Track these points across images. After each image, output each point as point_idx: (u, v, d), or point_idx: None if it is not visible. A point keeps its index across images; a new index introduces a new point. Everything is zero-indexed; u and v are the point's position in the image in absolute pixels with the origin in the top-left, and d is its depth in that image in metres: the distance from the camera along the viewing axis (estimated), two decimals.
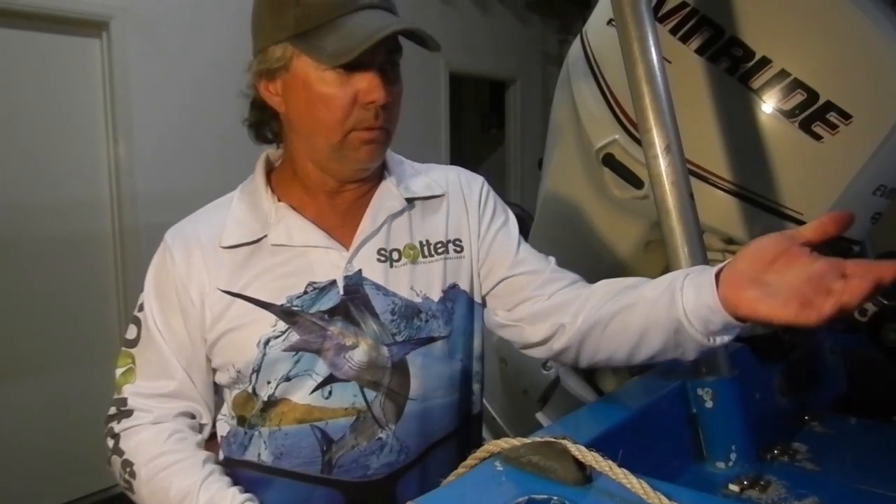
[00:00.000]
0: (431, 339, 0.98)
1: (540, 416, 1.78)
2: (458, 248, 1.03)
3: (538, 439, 0.69)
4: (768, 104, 1.24)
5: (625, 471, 0.62)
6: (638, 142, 1.33)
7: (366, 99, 0.88)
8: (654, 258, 1.57)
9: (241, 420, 0.99)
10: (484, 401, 1.79)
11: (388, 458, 0.95)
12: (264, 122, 1.01)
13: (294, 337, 0.94)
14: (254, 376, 0.95)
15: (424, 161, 1.13)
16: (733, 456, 0.88)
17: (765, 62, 1.24)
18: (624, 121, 1.36)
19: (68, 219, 3.04)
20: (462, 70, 5.16)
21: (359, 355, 0.94)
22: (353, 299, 0.95)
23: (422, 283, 0.98)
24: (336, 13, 0.86)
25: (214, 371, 1.01)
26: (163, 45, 3.27)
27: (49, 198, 2.97)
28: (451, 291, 1.01)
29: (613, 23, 1.30)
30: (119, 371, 1.00)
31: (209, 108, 3.44)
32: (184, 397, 0.99)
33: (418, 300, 0.97)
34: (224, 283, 0.95)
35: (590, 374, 1.82)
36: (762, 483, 0.83)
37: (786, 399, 1.14)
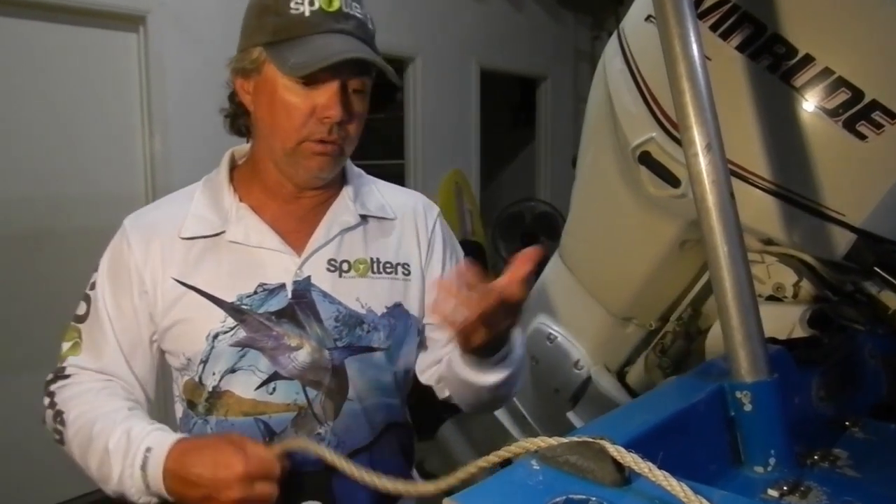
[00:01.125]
0: (371, 349, 1.05)
1: (571, 416, 1.77)
2: (406, 272, 1.09)
3: (575, 439, 0.69)
4: (811, 103, 1.22)
5: (665, 473, 0.61)
6: (675, 140, 1.32)
7: (322, 114, 0.95)
8: (690, 258, 1.55)
9: (191, 405, 1.05)
10: (515, 398, 1.79)
11: None
12: (238, 116, 1.08)
13: (241, 334, 1.00)
14: (201, 366, 1.01)
15: (454, 159, 1.18)
16: (772, 461, 0.87)
17: (808, 60, 1.21)
18: (661, 118, 1.35)
19: (105, 211, 3.09)
20: (493, 67, 5.15)
21: (302, 356, 1.01)
22: (300, 303, 1.01)
23: (368, 296, 1.05)
24: (309, 31, 0.94)
25: (164, 353, 1.08)
26: (198, 39, 3.31)
27: (86, 190, 3.03)
28: (396, 310, 1.07)
29: (653, 19, 1.29)
30: (66, 345, 1.07)
31: None
32: (119, 377, 1.05)
33: (362, 311, 1.04)
34: (178, 273, 1.01)
35: (622, 375, 1.81)
36: (802, 489, 0.82)
37: (825, 404, 1.12)
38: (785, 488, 0.81)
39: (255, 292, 1.01)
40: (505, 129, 6.47)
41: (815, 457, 0.93)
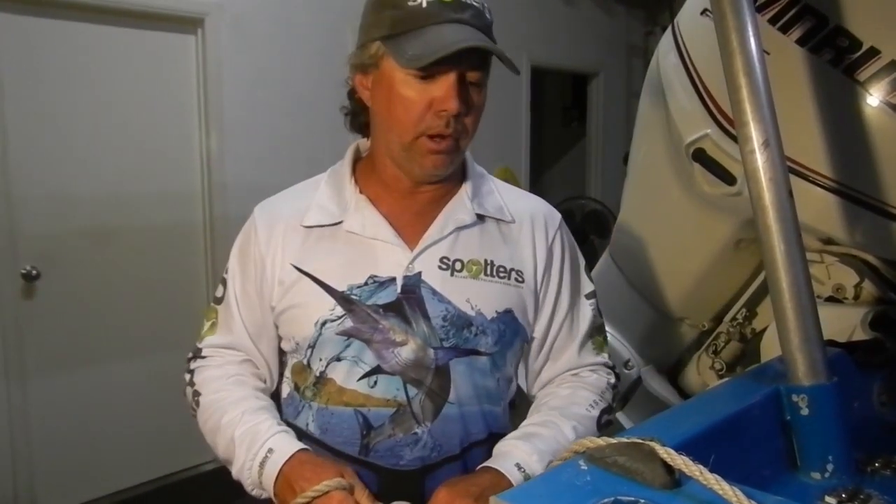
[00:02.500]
0: (476, 353, 1.03)
1: (620, 416, 1.75)
2: (520, 279, 1.06)
3: (624, 440, 0.68)
4: (875, 97, 1.18)
5: (716, 476, 0.60)
6: (731, 136, 1.29)
7: (440, 107, 0.94)
8: (744, 257, 1.51)
9: (297, 387, 1.09)
10: None
11: (421, 453, 1.01)
12: (358, 113, 1.08)
13: (348, 323, 1.00)
14: (308, 351, 1.03)
15: (504, 155, 1.17)
16: (830, 467, 0.84)
17: (873, 53, 1.17)
18: (716, 114, 1.32)
19: (163, 208, 3.19)
20: (544, 63, 5.10)
21: (406, 353, 1.00)
22: (409, 299, 1.00)
23: (478, 298, 1.02)
24: (426, 22, 0.92)
25: (280, 338, 1.11)
26: (254, 42, 3.38)
27: (147, 188, 3.12)
28: (506, 315, 1.04)
29: (709, 13, 1.26)
30: (206, 324, 1.14)
31: (298, 103, 3.55)
32: (247, 352, 1.11)
33: (472, 313, 1.01)
34: (296, 259, 1.03)
35: (673, 376, 1.78)
36: (862, 497, 0.79)
37: (887, 409, 1.08)
38: (843, 496, 0.79)
39: (366, 283, 1.01)
40: (555, 125, 6.41)
41: (876, 464, 0.89)
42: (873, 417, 1.05)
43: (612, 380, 1.14)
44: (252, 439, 0.99)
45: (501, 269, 1.04)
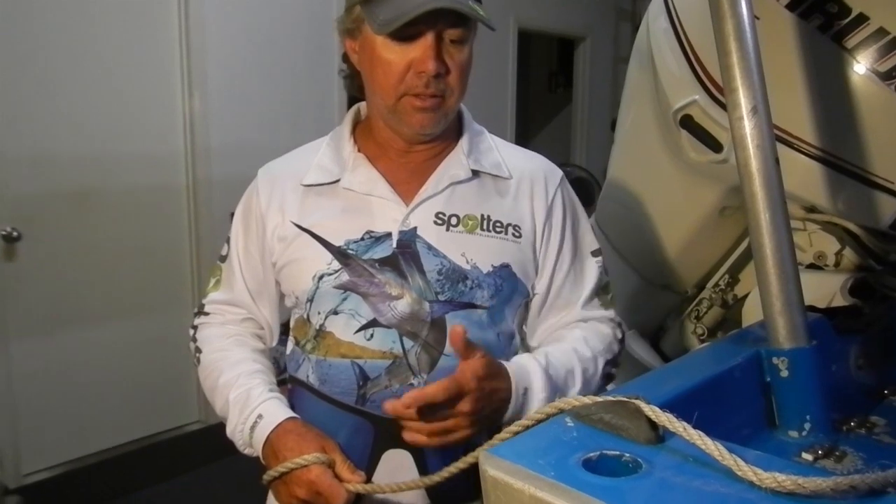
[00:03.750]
0: (472, 306, 1.04)
1: None
2: (517, 234, 1.07)
3: (610, 398, 0.70)
4: (863, 65, 1.18)
5: (699, 432, 0.62)
6: (719, 103, 1.29)
7: (418, 68, 0.95)
8: (729, 224, 1.53)
9: (297, 342, 1.12)
10: None
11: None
12: (353, 76, 1.09)
13: (345, 277, 1.03)
14: (308, 305, 1.06)
15: (489, 121, 1.16)
16: (807, 426, 0.87)
17: (861, 19, 1.17)
18: (705, 81, 1.32)
19: (145, 171, 3.15)
20: (531, 27, 5.05)
21: (402, 306, 1.01)
22: (404, 253, 1.02)
23: (474, 252, 1.03)
24: None
25: (283, 296, 1.14)
26: (238, 0, 3.31)
27: (128, 149, 3.08)
28: (503, 270, 1.05)
29: None
30: (212, 281, 1.19)
31: (283, 64, 3.49)
32: (248, 310, 1.16)
33: (467, 267, 1.03)
34: (295, 217, 1.07)
35: (656, 340, 1.81)
36: (837, 454, 0.82)
37: (864, 372, 1.11)
38: (820, 452, 0.81)
39: (362, 238, 1.03)
40: (541, 91, 6.38)
41: (852, 423, 0.93)
42: (850, 380, 1.08)
43: (619, 334, 1.15)
44: (244, 403, 1.05)
45: (498, 224, 1.05)
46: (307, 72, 3.61)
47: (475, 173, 1.07)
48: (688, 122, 1.36)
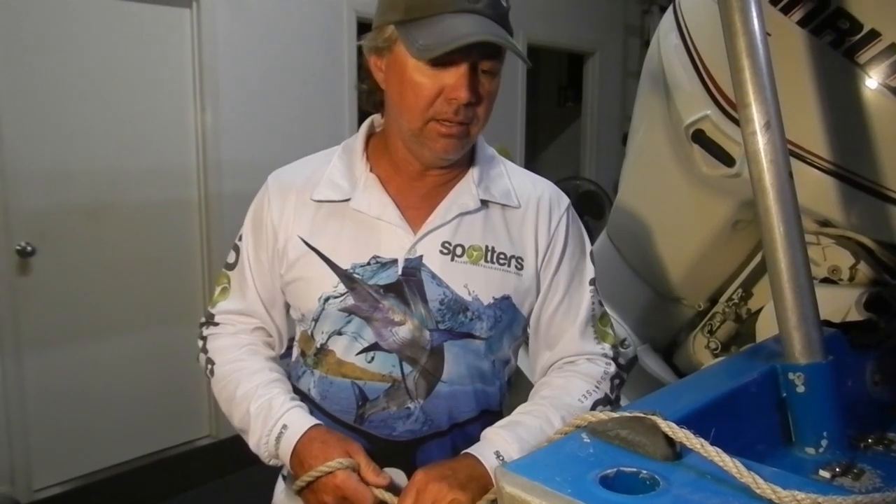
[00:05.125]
0: (471, 336, 1.05)
1: None
2: (519, 266, 1.07)
3: (626, 414, 0.70)
4: (875, 80, 1.18)
5: (717, 449, 0.61)
6: (731, 118, 1.30)
7: (450, 95, 0.95)
8: (742, 238, 1.53)
9: (302, 353, 1.13)
10: None
11: (413, 427, 1.05)
12: (372, 93, 1.08)
13: (350, 301, 1.03)
14: (312, 323, 1.07)
15: (499, 135, 1.17)
16: (824, 442, 0.86)
17: (873, 35, 1.17)
18: (717, 96, 1.32)
19: (157, 186, 3.18)
20: (540, 42, 5.07)
21: (403, 332, 1.03)
22: (409, 281, 1.03)
23: (476, 284, 1.04)
24: (440, 9, 0.93)
25: (288, 306, 1.15)
26: (250, 16, 3.35)
27: (141, 164, 3.11)
28: (503, 302, 1.06)
29: None
30: (217, 289, 1.17)
31: (294, 79, 3.52)
32: (260, 319, 1.15)
33: (468, 299, 1.04)
34: (304, 233, 1.06)
35: (668, 355, 1.80)
36: (855, 471, 0.81)
37: (880, 388, 1.10)
38: (837, 469, 0.81)
39: (369, 263, 1.03)
40: (551, 105, 6.39)
41: (869, 440, 0.92)
42: (866, 396, 1.07)
43: (612, 369, 1.12)
44: (267, 414, 1.03)
45: (502, 256, 1.06)
46: (318, 87, 3.64)
47: (484, 203, 1.06)
48: (700, 137, 1.36)
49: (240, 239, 1.14)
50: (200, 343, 1.17)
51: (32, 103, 2.79)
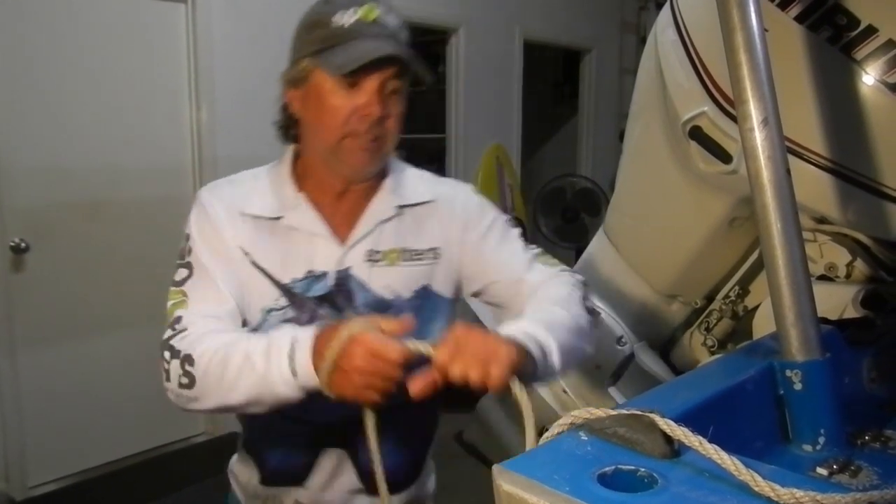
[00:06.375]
0: None
1: (613, 392, 1.77)
2: (436, 256, 1.19)
3: (624, 412, 0.69)
4: (872, 76, 1.18)
5: (715, 447, 0.61)
6: (728, 114, 1.29)
7: (363, 111, 1.06)
8: (739, 235, 1.53)
9: None
10: None
11: (349, 412, 1.00)
12: (290, 126, 1.19)
13: (290, 313, 1.12)
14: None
15: (496, 133, 1.23)
16: (821, 439, 0.86)
17: (870, 31, 1.17)
18: (714, 92, 1.32)
19: (153, 183, 3.17)
20: (537, 38, 5.07)
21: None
22: (340, 290, 1.13)
23: (395, 282, 1.15)
24: (350, 38, 1.06)
25: None
26: (246, 12, 3.34)
27: (135, 162, 3.10)
28: (423, 292, 1.18)
29: None
30: (171, 303, 1.11)
31: None
32: (231, 321, 1.10)
33: (390, 297, 1.15)
34: (245, 246, 1.12)
35: (665, 353, 1.80)
36: (852, 468, 0.81)
37: (876, 385, 1.10)
38: (835, 467, 0.81)
39: (305, 277, 1.12)
40: (546, 102, 6.39)
41: (866, 437, 0.92)
42: (863, 393, 1.07)
43: (578, 276, 1.20)
44: (268, 345, 0.98)
45: (417, 252, 1.17)
46: None
47: (400, 208, 1.17)
48: (697, 134, 1.36)
49: (187, 255, 1.12)
50: (167, 354, 1.06)
51: (27, 99, 2.78)
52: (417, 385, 0.91)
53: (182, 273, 1.11)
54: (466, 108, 4.59)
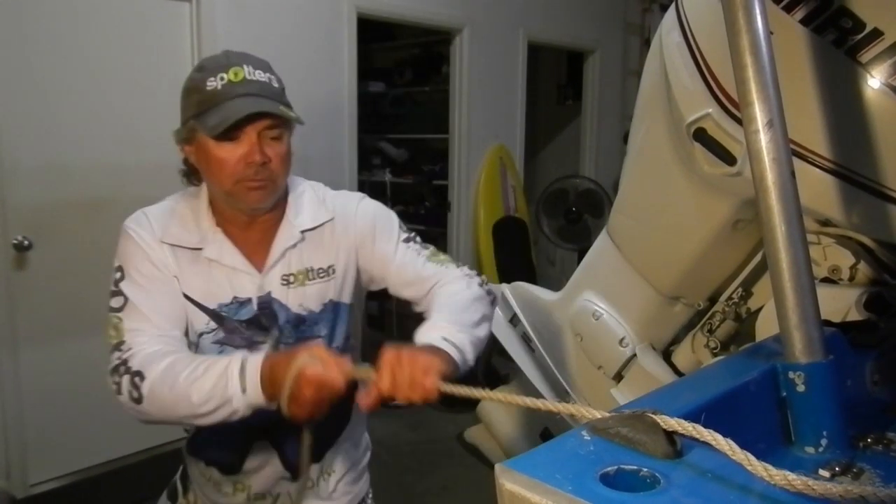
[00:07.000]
0: (314, 338, 1.33)
1: (614, 392, 1.77)
2: (333, 272, 1.34)
3: (627, 412, 0.69)
4: (877, 79, 1.17)
5: (729, 441, 0.61)
6: (733, 116, 1.29)
7: (248, 160, 1.20)
8: (742, 237, 1.53)
9: None
10: (556, 373, 1.80)
11: (278, 414, 1.12)
12: (192, 174, 1.33)
13: (220, 334, 1.28)
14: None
15: (499, 133, 1.28)
16: (824, 441, 0.86)
17: (876, 34, 1.17)
18: (718, 94, 1.32)
19: (156, 180, 3.14)
20: (540, 40, 5.07)
21: (265, 349, 1.27)
22: (264, 313, 1.29)
23: (307, 300, 1.32)
24: (222, 99, 1.19)
25: None
26: (250, 11, 3.34)
27: (138, 160, 3.10)
28: (329, 304, 1.34)
29: None
30: (111, 329, 1.26)
31: (294, 74, 3.50)
32: (178, 339, 1.24)
33: (304, 313, 1.32)
34: (174, 272, 1.25)
35: (667, 354, 1.80)
36: (855, 470, 0.81)
37: (879, 388, 1.10)
38: (837, 469, 0.81)
39: (231, 303, 1.27)
40: (550, 103, 6.39)
41: (869, 440, 0.91)
42: (866, 396, 1.07)
43: (467, 269, 1.36)
44: (217, 364, 1.12)
45: (320, 271, 1.33)
46: (317, 84, 3.63)
47: (303, 233, 1.31)
48: (701, 135, 1.36)
49: (120, 280, 1.27)
50: (116, 377, 1.20)
51: (30, 97, 2.79)
52: (365, 402, 1.06)
53: (118, 301, 1.25)
54: (470, 108, 4.59)
